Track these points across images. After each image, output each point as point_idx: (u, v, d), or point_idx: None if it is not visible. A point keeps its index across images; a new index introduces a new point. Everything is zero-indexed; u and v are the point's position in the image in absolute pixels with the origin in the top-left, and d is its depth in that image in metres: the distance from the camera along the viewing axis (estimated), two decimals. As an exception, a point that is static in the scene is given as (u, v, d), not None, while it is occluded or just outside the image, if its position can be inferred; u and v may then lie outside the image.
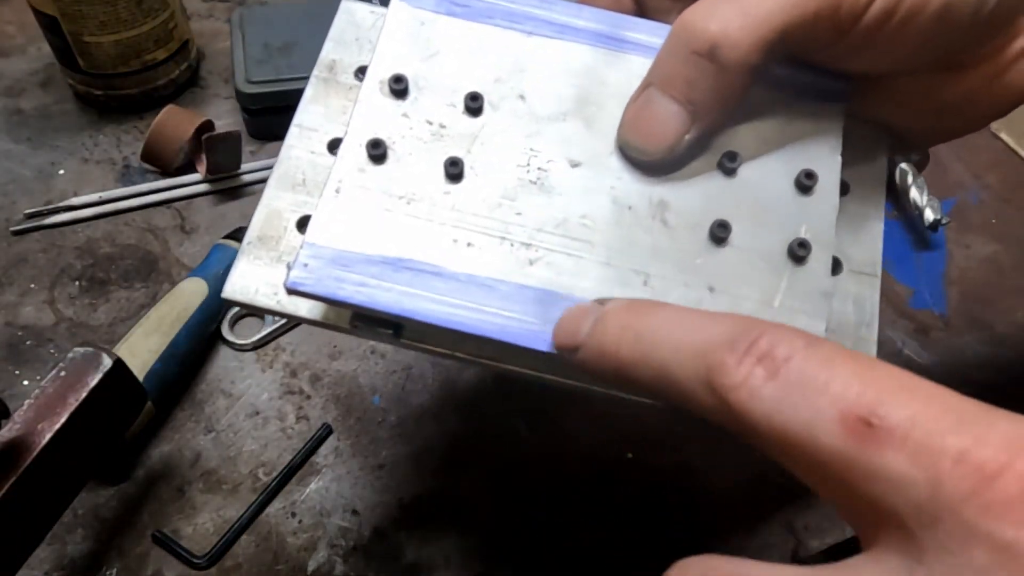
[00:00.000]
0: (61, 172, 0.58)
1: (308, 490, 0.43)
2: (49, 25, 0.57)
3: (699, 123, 0.26)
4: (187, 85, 0.65)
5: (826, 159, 0.28)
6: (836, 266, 0.29)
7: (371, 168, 0.27)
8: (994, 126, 0.71)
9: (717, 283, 0.26)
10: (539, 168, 0.27)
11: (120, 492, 0.43)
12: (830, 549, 0.44)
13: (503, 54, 0.29)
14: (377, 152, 0.27)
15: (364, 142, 0.27)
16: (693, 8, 0.25)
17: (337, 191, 0.26)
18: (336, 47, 0.32)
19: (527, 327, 0.25)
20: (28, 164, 0.58)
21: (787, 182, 0.27)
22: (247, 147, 0.61)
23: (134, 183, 0.58)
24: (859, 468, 0.15)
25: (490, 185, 0.27)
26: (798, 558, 0.43)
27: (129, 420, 0.39)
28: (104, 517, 0.42)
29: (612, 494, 0.44)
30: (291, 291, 0.25)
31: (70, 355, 0.35)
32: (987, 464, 0.14)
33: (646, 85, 0.26)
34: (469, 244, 0.26)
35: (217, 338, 0.49)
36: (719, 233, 0.26)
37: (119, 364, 0.36)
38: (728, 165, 0.27)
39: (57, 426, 0.33)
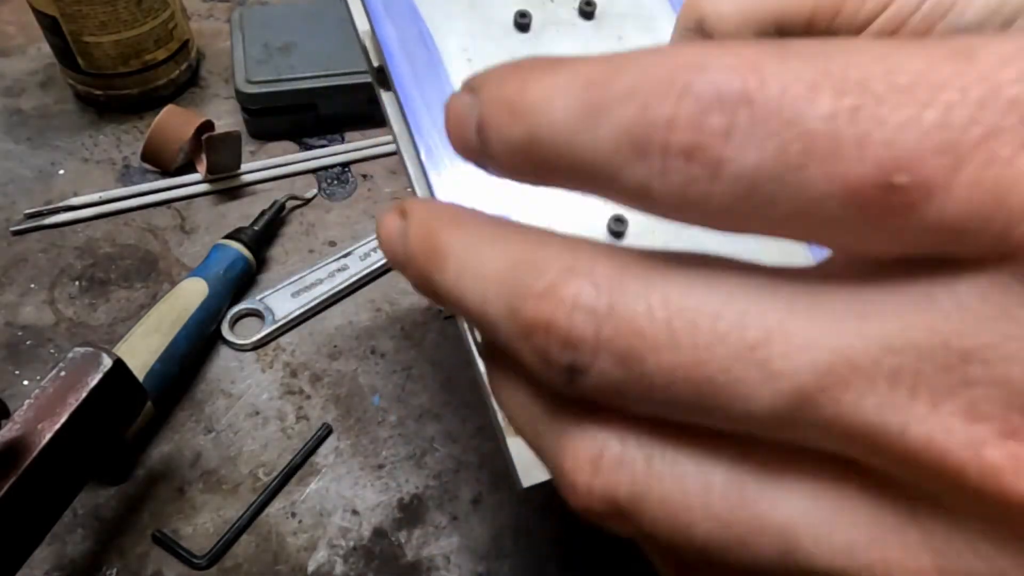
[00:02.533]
0: (61, 172, 0.58)
1: (308, 490, 0.43)
2: (49, 25, 0.57)
3: None
4: (187, 85, 0.65)
5: None
6: None
7: None
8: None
9: None
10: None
11: (120, 492, 0.43)
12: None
13: (648, 11, 0.31)
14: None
15: None
16: None
17: None
18: None
19: None
20: (28, 164, 0.58)
21: None
22: (247, 147, 0.61)
23: (134, 183, 0.58)
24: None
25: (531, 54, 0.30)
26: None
27: (129, 420, 0.39)
28: (104, 517, 0.42)
29: (612, 494, 0.44)
30: None
31: (70, 355, 0.35)
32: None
33: None
34: None
35: (217, 338, 0.49)
36: None
37: (119, 364, 0.36)
38: None
39: (57, 426, 0.33)
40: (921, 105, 0.09)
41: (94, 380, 0.34)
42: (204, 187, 0.57)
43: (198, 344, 0.47)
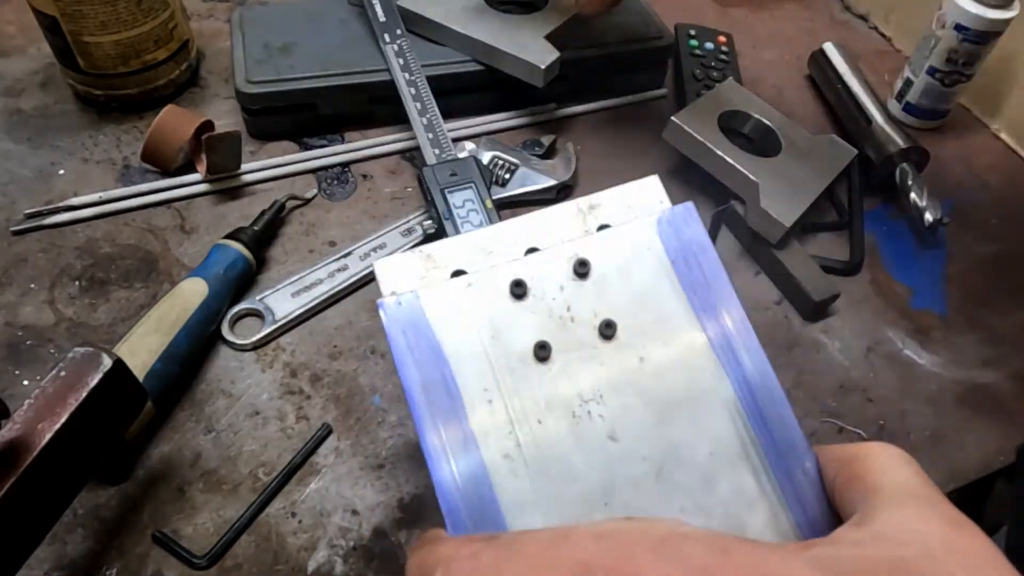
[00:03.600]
0: (61, 172, 0.58)
1: (308, 490, 0.43)
2: (49, 25, 0.57)
3: None
4: (187, 85, 0.65)
5: None
6: None
7: (504, 297, 0.30)
8: (994, 126, 0.71)
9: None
10: (589, 412, 0.29)
11: (120, 492, 0.43)
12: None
13: (669, 323, 0.30)
14: (517, 291, 0.30)
15: (513, 277, 0.30)
16: None
17: (468, 285, 0.31)
18: (608, 198, 0.33)
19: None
20: (28, 164, 0.58)
21: None
22: (247, 147, 0.61)
23: (134, 183, 0.58)
24: None
25: (552, 389, 0.29)
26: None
27: (129, 420, 0.39)
28: (104, 517, 0.42)
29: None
30: (379, 306, 0.30)
31: (70, 355, 0.35)
32: None
33: None
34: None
35: (217, 338, 0.49)
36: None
37: (119, 364, 0.36)
38: None
39: (57, 426, 0.33)
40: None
41: (94, 380, 0.34)
42: (204, 187, 0.57)
43: (198, 344, 0.47)
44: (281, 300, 0.51)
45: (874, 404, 0.50)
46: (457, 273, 0.31)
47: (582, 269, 0.30)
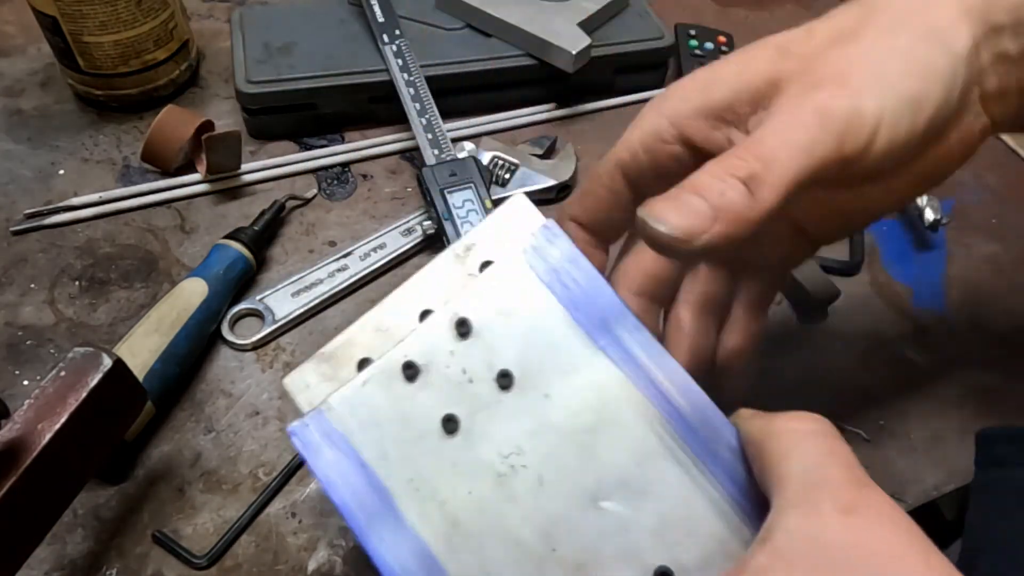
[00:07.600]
0: (61, 172, 0.58)
1: (308, 490, 0.43)
2: (49, 25, 0.57)
3: (718, 229, 0.25)
4: (187, 85, 0.65)
5: None
6: None
7: (399, 383, 0.30)
8: (994, 126, 0.71)
9: None
10: (512, 466, 0.29)
11: (120, 492, 0.43)
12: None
13: (562, 351, 0.30)
14: (409, 372, 0.30)
15: (402, 361, 0.30)
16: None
17: (364, 383, 0.30)
18: (482, 233, 0.33)
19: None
20: (28, 164, 0.58)
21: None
22: (247, 147, 0.61)
23: (134, 183, 0.58)
24: None
25: (471, 457, 0.29)
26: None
27: (129, 420, 0.39)
28: (104, 517, 0.42)
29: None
30: (290, 433, 0.29)
31: (70, 355, 0.35)
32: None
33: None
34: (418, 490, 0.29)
35: (217, 338, 0.49)
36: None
37: (119, 364, 0.36)
38: None
39: (57, 426, 0.33)
40: None
41: (94, 380, 0.34)
42: (204, 187, 0.57)
43: (198, 344, 0.47)
44: (281, 300, 0.51)
45: (874, 404, 0.50)
46: (363, 362, 0.31)
47: (463, 329, 0.30)
